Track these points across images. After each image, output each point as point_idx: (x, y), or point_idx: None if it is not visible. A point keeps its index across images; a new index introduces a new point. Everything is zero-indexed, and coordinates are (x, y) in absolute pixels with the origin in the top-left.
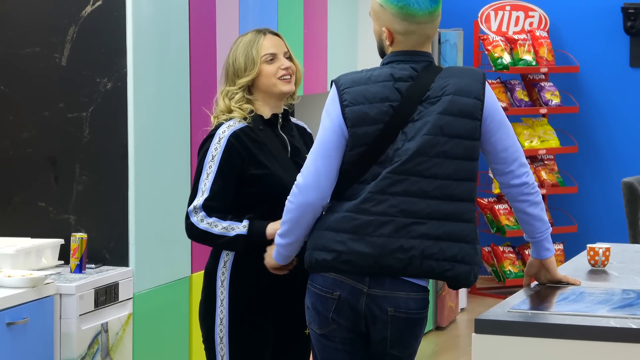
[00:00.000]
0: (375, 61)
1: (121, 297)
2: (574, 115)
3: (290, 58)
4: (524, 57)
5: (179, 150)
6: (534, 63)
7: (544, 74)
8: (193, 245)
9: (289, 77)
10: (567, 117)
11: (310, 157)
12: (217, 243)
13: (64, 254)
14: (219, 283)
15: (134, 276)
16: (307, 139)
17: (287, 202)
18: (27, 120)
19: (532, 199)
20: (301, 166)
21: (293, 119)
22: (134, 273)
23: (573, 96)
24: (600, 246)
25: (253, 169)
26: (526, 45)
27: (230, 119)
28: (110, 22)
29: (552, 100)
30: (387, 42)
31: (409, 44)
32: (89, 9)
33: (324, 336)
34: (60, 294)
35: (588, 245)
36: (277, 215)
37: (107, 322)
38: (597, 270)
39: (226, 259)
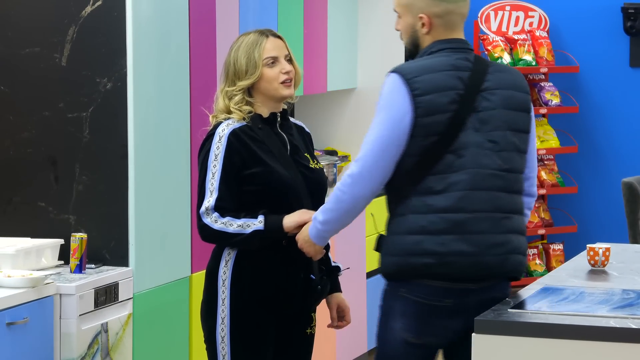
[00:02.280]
0: (375, 61)
1: (121, 297)
2: (574, 115)
3: (290, 60)
4: (523, 57)
5: (179, 150)
6: (533, 63)
7: (543, 74)
8: (193, 245)
9: (289, 81)
10: (567, 117)
11: (366, 148)
12: (233, 242)
13: (64, 254)
14: (220, 282)
15: (134, 276)
16: (305, 138)
17: (337, 190)
18: (27, 120)
19: (529, 214)
20: (301, 164)
21: (292, 119)
22: (134, 273)
23: (573, 96)
24: (600, 246)
25: (254, 166)
26: (526, 46)
27: (229, 118)
28: (110, 22)
29: (552, 100)
30: (425, 31)
31: (448, 27)
32: (89, 9)
33: (418, 345)
34: (60, 294)
35: (588, 245)
36: (280, 213)
37: (107, 322)
38: (597, 270)
39: (227, 258)
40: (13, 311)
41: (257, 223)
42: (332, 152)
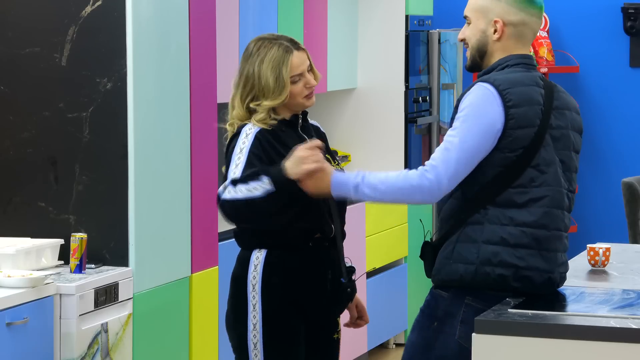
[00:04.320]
0: (375, 61)
1: (121, 297)
2: None
3: (311, 69)
4: None
5: (179, 150)
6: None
7: (543, 74)
8: (193, 245)
9: (311, 92)
10: None
11: (450, 155)
12: (249, 209)
13: (64, 254)
14: (249, 288)
15: (134, 276)
16: (323, 138)
17: (417, 177)
18: (27, 120)
19: None
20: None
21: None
22: (134, 273)
23: (573, 96)
24: (600, 246)
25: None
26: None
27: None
28: (110, 22)
29: None
30: (495, 37)
31: (519, 40)
32: (89, 9)
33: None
34: (60, 294)
35: (588, 245)
36: (307, 216)
37: (107, 322)
38: (597, 270)
39: (256, 262)
40: (13, 311)
41: (266, 184)
42: (332, 152)
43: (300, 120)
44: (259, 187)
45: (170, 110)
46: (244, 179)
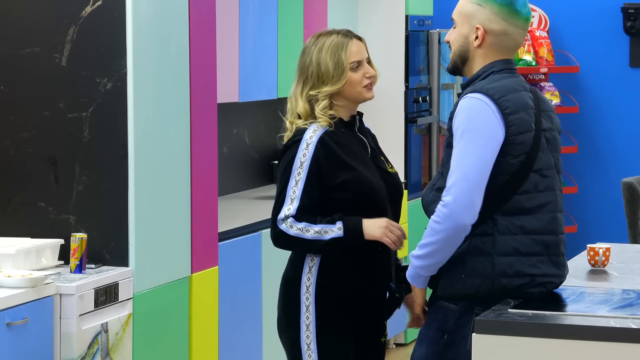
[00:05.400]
0: (375, 61)
1: (121, 297)
2: (574, 116)
3: (369, 62)
4: (523, 57)
5: (179, 150)
6: (533, 63)
7: (543, 74)
8: (193, 245)
9: (371, 84)
10: (567, 117)
11: (457, 174)
12: (311, 247)
13: (64, 254)
14: (303, 289)
15: (134, 276)
16: (376, 141)
17: (433, 222)
18: (27, 120)
19: None
20: (381, 169)
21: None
22: (134, 273)
23: (573, 96)
24: (600, 246)
25: (343, 174)
26: (526, 46)
27: (313, 123)
28: (110, 22)
29: (552, 101)
30: (476, 43)
31: (500, 49)
32: (89, 9)
33: None
34: (60, 294)
35: (588, 245)
36: (368, 218)
37: (107, 322)
38: (597, 270)
39: (311, 264)
40: (13, 311)
41: (335, 230)
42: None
43: (358, 122)
44: (330, 232)
45: (170, 110)
46: (314, 220)
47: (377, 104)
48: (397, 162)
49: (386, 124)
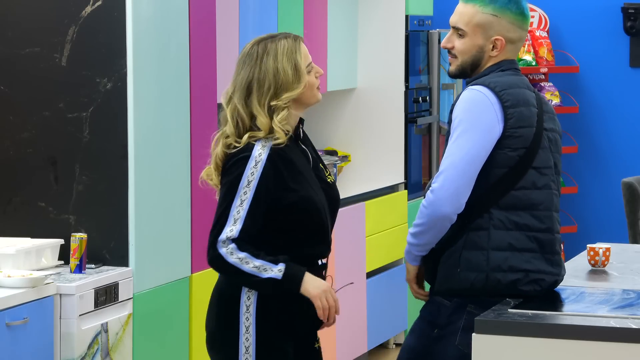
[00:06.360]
0: (375, 61)
1: (121, 297)
2: (573, 116)
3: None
4: (523, 57)
5: (179, 150)
6: (533, 63)
7: (543, 74)
8: (193, 245)
9: (319, 85)
10: (567, 117)
11: (447, 162)
12: (246, 280)
13: (64, 254)
14: (243, 309)
15: (134, 276)
16: (314, 149)
17: (422, 205)
18: (27, 120)
19: None
20: (322, 180)
21: None
22: (134, 273)
23: (573, 96)
24: (600, 246)
25: (289, 195)
26: (526, 46)
27: (267, 138)
28: (110, 22)
29: (552, 101)
30: (495, 53)
31: (514, 53)
32: (89, 9)
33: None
34: (60, 294)
35: (588, 245)
36: (312, 240)
37: (107, 322)
38: (597, 270)
39: None
40: (13, 311)
41: (275, 270)
42: (332, 152)
43: (301, 132)
44: (269, 270)
45: (170, 110)
46: (257, 254)
47: (377, 104)
48: (397, 162)
49: (386, 124)
